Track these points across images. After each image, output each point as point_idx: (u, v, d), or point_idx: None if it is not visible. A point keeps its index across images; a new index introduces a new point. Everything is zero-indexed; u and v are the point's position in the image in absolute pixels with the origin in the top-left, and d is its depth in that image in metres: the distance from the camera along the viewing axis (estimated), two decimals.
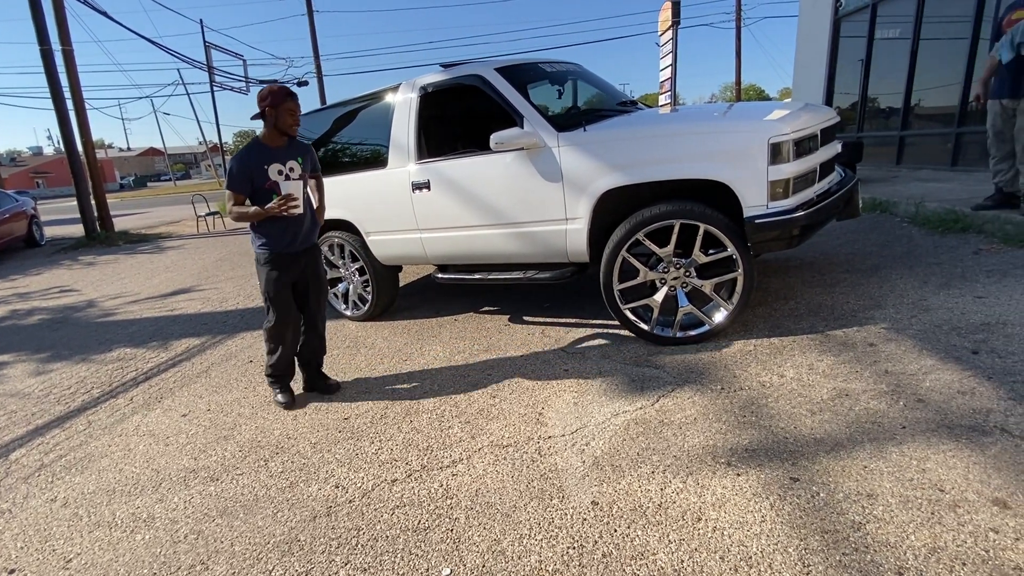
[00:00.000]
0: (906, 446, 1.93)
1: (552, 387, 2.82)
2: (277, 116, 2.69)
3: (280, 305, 2.94)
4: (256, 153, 2.73)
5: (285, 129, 2.74)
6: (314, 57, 19.43)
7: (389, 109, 3.83)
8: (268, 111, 2.68)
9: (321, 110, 4.45)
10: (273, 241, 2.84)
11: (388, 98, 3.87)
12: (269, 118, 2.71)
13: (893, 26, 7.67)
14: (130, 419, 3.19)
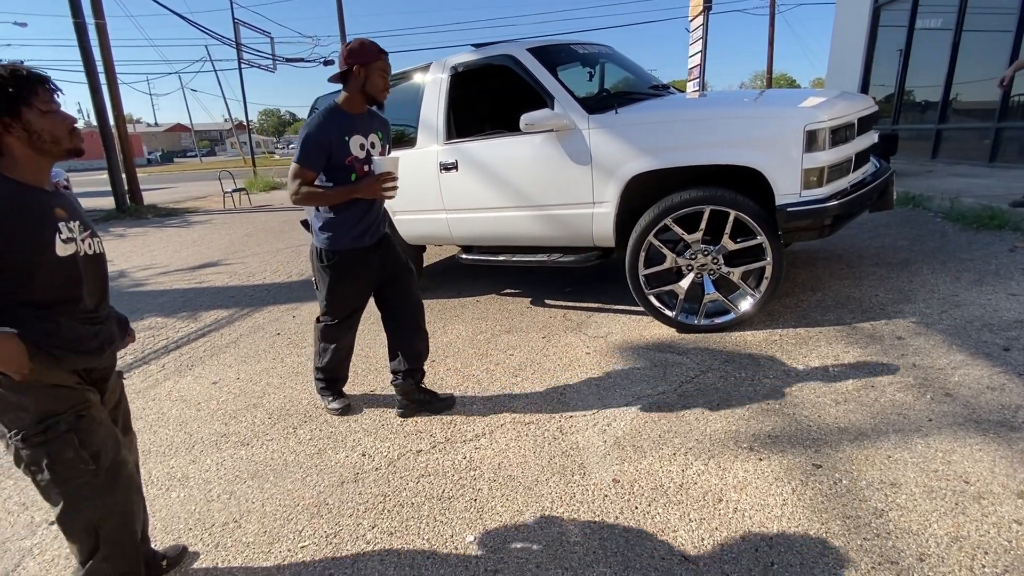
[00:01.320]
0: (932, 438, 1.92)
1: (574, 369, 2.85)
2: (367, 77, 2.15)
3: (339, 308, 2.49)
4: (336, 121, 2.18)
5: (375, 94, 2.19)
6: (341, 37, 19.43)
7: (419, 89, 3.84)
8: (357, 70, 2.14)
9: None
10: (343, 233, 2.28)
11: (418, 78, 3.88)
12: (356, 78, 2.16)
13: (935, 16, 7.42)
14: (163, 384, 3.30)
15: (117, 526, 1.41)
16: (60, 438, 1.28)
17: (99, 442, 1.34)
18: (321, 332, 2.60)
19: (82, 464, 1.31)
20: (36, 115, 1.27)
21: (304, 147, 2.14)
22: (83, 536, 1.39)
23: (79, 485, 1.32)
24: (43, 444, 1.27)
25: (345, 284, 2.39)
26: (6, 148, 1.27)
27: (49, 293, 1.29)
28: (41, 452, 1.27)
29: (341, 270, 2.34)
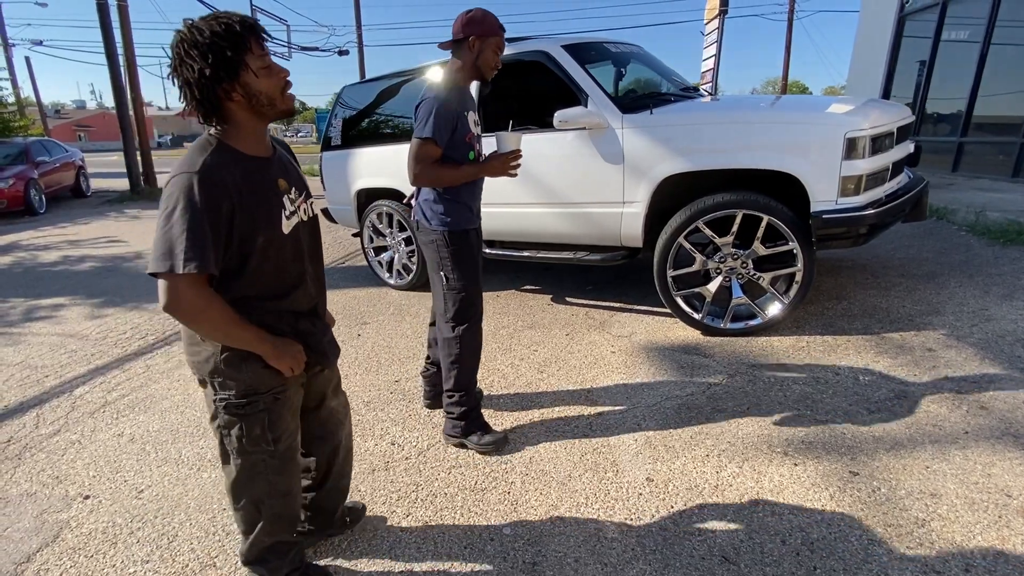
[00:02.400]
0: (970, 451, 1.92)
1: (599, 367, 2.85)
2: (481, 51, 1.99)
3: (475, 283, 2.17)
4: (457, 94, 2.02)
5: (485, 71, 2.04)
6: (356, 27, 19.42)
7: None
8: (472, 42, 1.98)
9: (374, 80, 4.47)
10: (463, 213, 2.10)
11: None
12: (469, 51, 1.99)
13: (962, 28, 7.37)
14: (186, 367, 3.31)
15: (280, 505, 1.44)
16: (255, 415, 1.30)
17: (283, 427, 1.36)
18: (461, 341, 2.17)
19: (264, 444, 1.33)
20: (253, 76, 1.14)
21: (435, 119, 1.91)
22: (249, 508, 1.42)
23: (256, 461, 1.35)
24: (240, 416, 1.30)
25: (474, 261, 2.16)
26: (228, 115, 1.17)
27: (278, 278, 1.29)
28: (236, 422, 1.30)
29: (468, 248, 2.12)
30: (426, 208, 2.11)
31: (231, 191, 1.13)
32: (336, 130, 4.61)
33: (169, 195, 1.09)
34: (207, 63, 1.09)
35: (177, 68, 1.11)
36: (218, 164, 1.13)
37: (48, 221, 9.24)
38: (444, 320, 2.18)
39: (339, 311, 4.07)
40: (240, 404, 1.28)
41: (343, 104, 4.66)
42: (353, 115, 4.57)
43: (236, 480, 1.38)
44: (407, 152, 1.99)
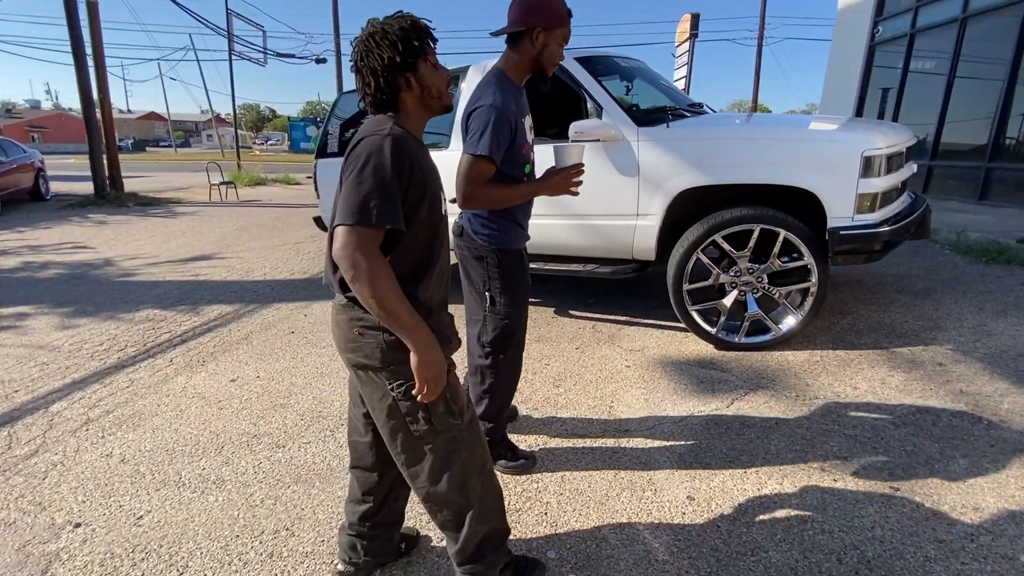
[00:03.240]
0: (1001, 463, 1.94)
1: (617, 382, 2.80)
2: (546, 45, 1.73)
3: (523, 305, 2.00)
4: (514, 97, 1.74)
5: (548, 67, 1.78)
6: (334, 35, 19.24)
7: (455, 91, 3.78)
8: (536, 35, 1.71)
9: None
10: (515, 231, 1.91)
11: (453, 80, 3.82)
12: (532, 45, 1.73)
13: (929, 59, 7.77)
14: (174, 380, 3.11)
15: (485, 481, 1.39)
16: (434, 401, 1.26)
17: (462, 398, 1.33)
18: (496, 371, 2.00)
19: (451, 418, 1.29)
20: (429, 69, 1.25)
21: (493, 132, 1.64)
22: (455, 498, 1.34)
23: (448, 439, 1.30)
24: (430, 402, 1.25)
25: (525, 285, 1.99)
26: (401, 104, 1.26)
27: (425, 258, 1.28)
28: (419, 404, 1.24)
29: (521, 271, 1.95)
30: (475, 221, 1.89)
31: (413, 158, 1.18)
32: (333, 137, 4.49)
33: (359, 154, 1.14)
34: (396, 51, 1.19)
35: (364, 58, 1.21)
36: (402, 133, 1.19)
37: (4, 225, 8.72)
38: (479, 343, 2.01)
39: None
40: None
41: (340, 111, 4.55)
42: (351, 122, 4.46)
43: (434, 468, 1.31)
44: (456, 168, 1.77)
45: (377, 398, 1.28)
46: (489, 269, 1.92)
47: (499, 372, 2.03)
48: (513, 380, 2.11)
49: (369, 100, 1.25)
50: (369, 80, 1.22)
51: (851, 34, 9.33)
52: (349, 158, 1.16)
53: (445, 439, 1.30)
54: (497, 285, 1.92)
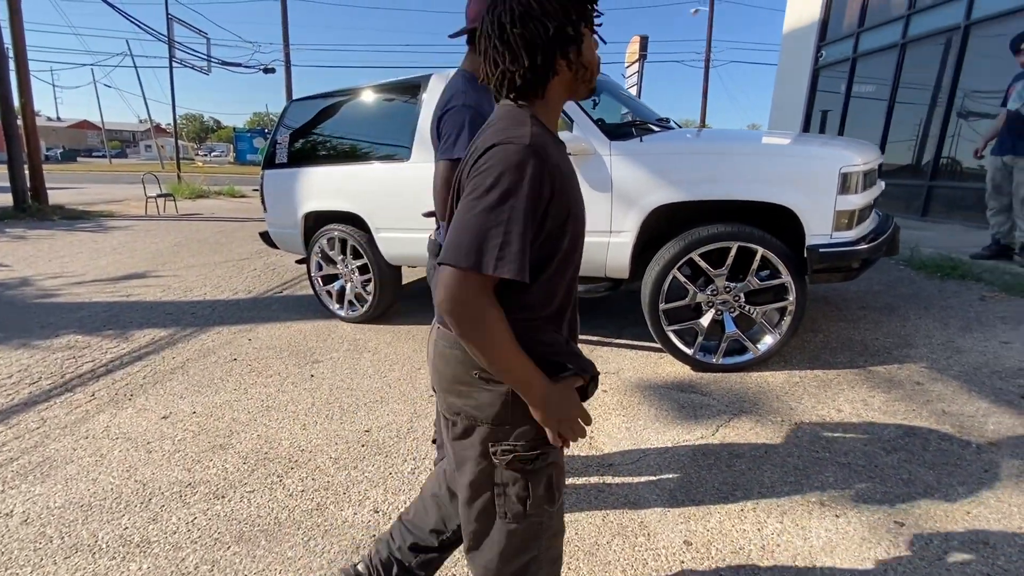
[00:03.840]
0: (999, 491, 1.87)
1: (594, 408, 2.63)
2: None
3: None
4: (485, 97, 1.67)
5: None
6: (284, 44, 18.67)
7: (416, 101, 3.58)
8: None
9: (327, 95, 4.12)
10: None
11: (414, 90, 3.62)
12: None
13: (871, 83, 8.15)
14: (95, 418, 2.72)
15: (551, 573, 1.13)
16: (543, 470, 1.02)
17: (564, 481, 1.10)
18: None
19: (548, 504, 1.04)
20: (591, 43, 0.97)
21: (471, 130, 1.51)
22: None
23: (534, 524, 1.05)
24: (526, 472, 1.01)
25: None
26: (547, 90, 0.96)
27: (567, 290, 1.02)
28: (519, 479, 1.01)
29: None
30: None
31: (555, 173, 0.89)
32: (282, 147, 4.18)
33: (488, 167, 0.86)
34: (568, 20, 0.91)
35: (521, 23, 0.90)
36: (543, 137, 0.91)
37: None
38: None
39: (284, 347, 3.60)
40: (530, 458, 1.00)
41: (290, 119, 4.25)
42: (302, 131, 4.17)
43: (505, 551, 1.05)
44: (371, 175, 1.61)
45: (471, 456, 1.03)
46: None
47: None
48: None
49: (507, 82, 0.94)
50: (521, 56, 0.91)
51: (796, 58, 9.73)
52: (474, 167, 0.89)
53: (531, 523, 1.05)
54: None
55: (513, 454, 0.99)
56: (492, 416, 0.99)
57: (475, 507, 1.06)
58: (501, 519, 1.05)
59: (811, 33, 9.16)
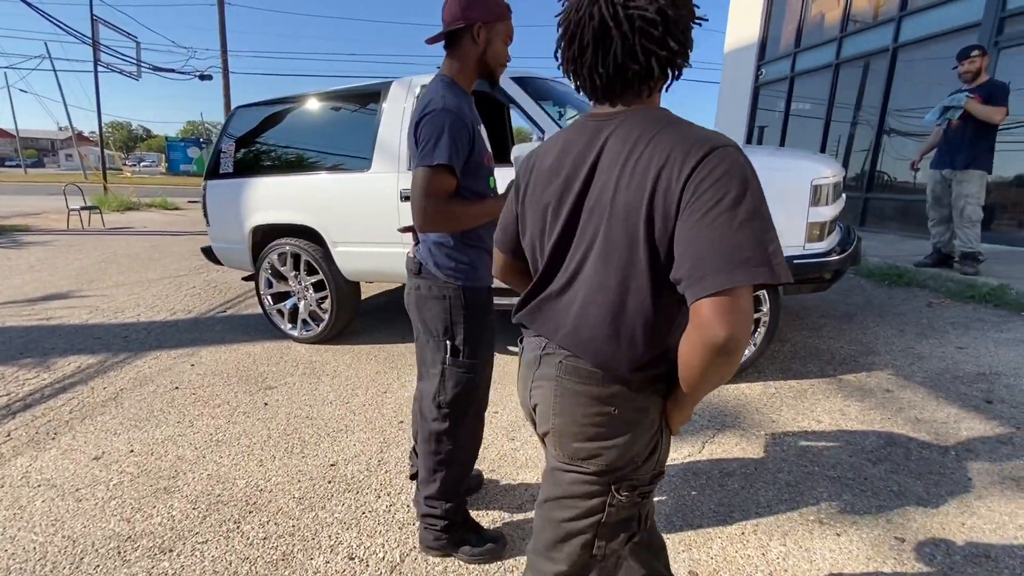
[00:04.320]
0: (989, 501, 1.88)
1: None
2: (490, 42, 1.51)
3: (487, 379, 1.75)
4: (467, 103, 1.52)
5: (495, 68, 1.56)
6: (221, 51, 17.87)
7: (376, 109, 3.40)
8: (478, 31, 1.48)
9: (278, 101, 3.87)
10: (483, 265, 1.61)
11: (374, 97, 3.45)
12: (474, 43, 1.50)
13: (808, 101, 8.58)
14: (12, 463, 2.37)
15: None
16: (647, 501, 0.97)
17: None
18: (449, 435, 1.65)
19: (636, 534, 0.97)
20: None
21: (450, 138, 1.39)
22: None
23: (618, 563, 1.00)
24: (640, 504, 0.95)
25: (492, 330, 1.69)
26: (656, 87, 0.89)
27: None
28: (634, 511, 0.94)
29: (487, 313, 1.64)
30: (438, 253, 1.57)
31: None
32: (228, 156, 3.89)
33: (727, 177, 0.75)
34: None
35: (680, 5, 0.82)
36: None
37: None
38: (434, 403, 1.64)
39: (233, 373, 3.30)
40: (648, 491, 0.95)
41: (236, 127, 3.97)
42: (249, 139, 3.90)
43: None
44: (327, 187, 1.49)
45: (581, 493, 0.93)
46: (452, 311, 1.59)
47: (459, 437, 1.68)
48: (475, 446, 1.77)
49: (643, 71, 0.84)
50: (672, 43, 0.82)
51: (737, 76, 10.16)
52: (713, 176, 0.75)
53: (616, 564, 0.99)
54: (461, 330, 1.60)
55: (637, 490, 0.92)
56: (632, 456, 0.90)
57: (563, 547, 0.96)
58: (590, 560, 0.96)
59: (751, 52, 9.59)
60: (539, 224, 0.94)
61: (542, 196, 0.93)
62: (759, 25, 9.39)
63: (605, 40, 0.82)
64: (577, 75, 0.89)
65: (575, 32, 0.85)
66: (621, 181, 0.81)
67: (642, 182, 0.79)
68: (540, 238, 0.95)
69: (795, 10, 8.66)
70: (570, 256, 0.90)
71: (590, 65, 0.85)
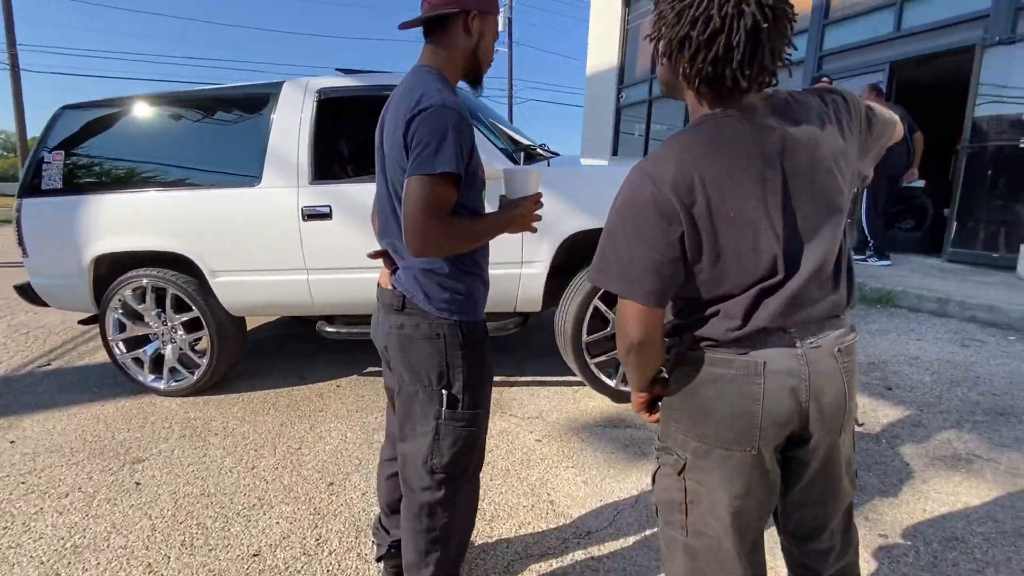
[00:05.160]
0: (934, 483, 2.05)
1: (538, 465, 2.31)
2: (483, 35, 1.28)
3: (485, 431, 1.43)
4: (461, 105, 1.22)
5: (483, 65, 1.33)
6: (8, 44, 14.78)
7: (265, 113, 2.91)
8: (472, 20, 1.25)
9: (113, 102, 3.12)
10: (480, 294, 1.37)
11: (262, 100, 2.95)
12: (467, 34, 1.26)
13: (665, 123, 9.42)
14: None
15: None
16: None
17: None
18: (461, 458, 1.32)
19: None
20: None
21: (456, 140, 1.14)
22: None
23: None
24: None
25: (491, 371, 1.40)
26: None
27: None
28: None
29: (486, 351, 1.37)
30: (428, 282, 1.27)
31: None
32: (54, 168, 3.05)
33: None
34: None
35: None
36: None
37: None
38: (425, 469, 1.31)
39: (78, 446, 2.55)
40: None
41: (62, 132, 3.14)
42: (85, 148, 3.11)
43: None
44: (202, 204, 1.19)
45: None
46: (449, 352, 1.29)
47: (456, 506, 1.38)
48: (473, 515, 1.47)
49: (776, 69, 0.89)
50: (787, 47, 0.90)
51: (600, 98, 10.86)
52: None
53: None
54: (460, 375, 1.31)
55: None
56: None
57: None
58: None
59: (612, 76, 10.31)
60: (750, 229, 0.88)
61: (742, 201, 0.88)
62: (617, 52, 10.14)
63: (756, 37, 0.82)
64: (715, 74, 0.86)
65: (722, 29, 0.82)
66: (817, 152, 0.89)
67: (833, 136, 0.91)
68: (756, 240, 0.89)
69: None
70: (800, 236, 0.91)
71: (739, 62, 0.84)
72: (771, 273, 0.91)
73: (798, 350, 0.93)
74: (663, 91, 1.04)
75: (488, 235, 1.29)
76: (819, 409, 0.95)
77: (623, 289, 0.92)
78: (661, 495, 1.07)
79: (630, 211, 0.91)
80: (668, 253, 0.89)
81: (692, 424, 0.99)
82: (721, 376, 0.94)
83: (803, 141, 0.89)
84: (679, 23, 0.85)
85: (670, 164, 0.88)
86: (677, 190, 0.86)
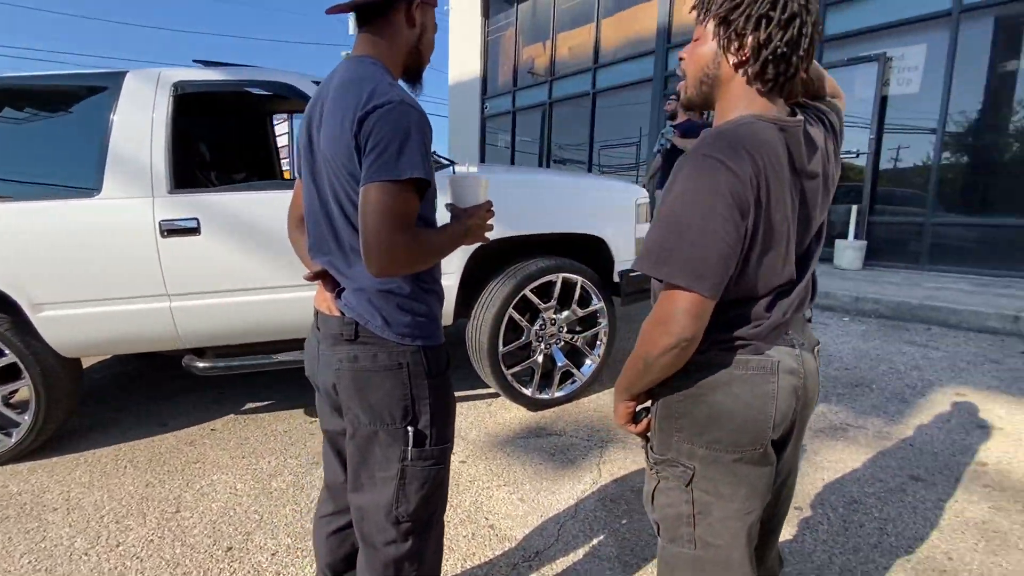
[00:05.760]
0: (821, 455, 2.30)
1: (468, 488, 2.17)
2: (426, 28, 1.16)
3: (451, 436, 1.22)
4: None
5: (424, 59, 1.19)
6: None
7: (103, 109, 2.39)
8: (415, 9, 1.11)
9: None
10: (438, 314, 1.19)
11: (94, 92, 2.42)
12: (410, 25, 1.12)
13: (528, 134, 9.76)
14: None
15: None
16: None
17: None
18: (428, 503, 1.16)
19: None
20: None
21: (420, 139, 1.00)
22: None
23: None
24: None
25: (454, 402, 1.23)
26: None
27: None
28: None
29: (449, 379, 1.21)
30: (386, 305, 1.09)
31: None
32: None
33: None
34: None
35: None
36: None
37: None
38: (388, 520, 1.13)
39: None
40: None
41: None
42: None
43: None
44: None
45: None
46: (414, 384, 1.12)
47: (424, 557, 1.21)
48: (439, 559, 1.30)
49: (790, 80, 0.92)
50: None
51: (465, 108, 10.92)
52: None
53: None
54: (427, 408, 1.14)
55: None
56: None
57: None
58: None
59: (475, 87, 10.43)
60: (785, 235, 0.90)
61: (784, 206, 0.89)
62: (479, 63, 10.28)
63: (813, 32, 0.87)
64: (784, 59, 0.87)
65: (798, 13, 0.85)
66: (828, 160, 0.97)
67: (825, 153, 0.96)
68: (787, 247, 0.91)
69: (508, 52, 9.77)
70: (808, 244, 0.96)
71: (805, 49, 0.87)
72: (790, 278, 0.92)
73: (796, 350, 0.95)
74: (691, 95, 0.98)
75: (450, 249, 1.15)
76: (805, 407, 0.97)
77: (689, 281, 0.83)
78: (665, 512, 1.02)
79: (702, 200, 0.83)
80: (736, 247, 0.84)
81: (700, 431, 0.95)
82: (737, 378, 0.92)
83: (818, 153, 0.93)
84: (759, 1, 0.86)
85: (743, 155, 0.83)
86: (754, 182, 0.83)
